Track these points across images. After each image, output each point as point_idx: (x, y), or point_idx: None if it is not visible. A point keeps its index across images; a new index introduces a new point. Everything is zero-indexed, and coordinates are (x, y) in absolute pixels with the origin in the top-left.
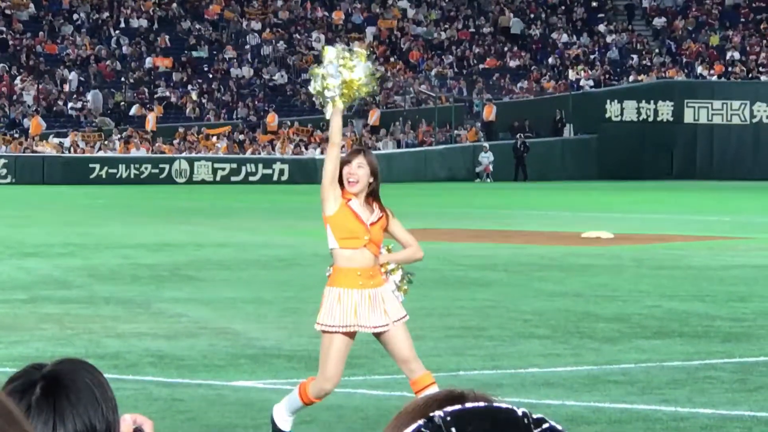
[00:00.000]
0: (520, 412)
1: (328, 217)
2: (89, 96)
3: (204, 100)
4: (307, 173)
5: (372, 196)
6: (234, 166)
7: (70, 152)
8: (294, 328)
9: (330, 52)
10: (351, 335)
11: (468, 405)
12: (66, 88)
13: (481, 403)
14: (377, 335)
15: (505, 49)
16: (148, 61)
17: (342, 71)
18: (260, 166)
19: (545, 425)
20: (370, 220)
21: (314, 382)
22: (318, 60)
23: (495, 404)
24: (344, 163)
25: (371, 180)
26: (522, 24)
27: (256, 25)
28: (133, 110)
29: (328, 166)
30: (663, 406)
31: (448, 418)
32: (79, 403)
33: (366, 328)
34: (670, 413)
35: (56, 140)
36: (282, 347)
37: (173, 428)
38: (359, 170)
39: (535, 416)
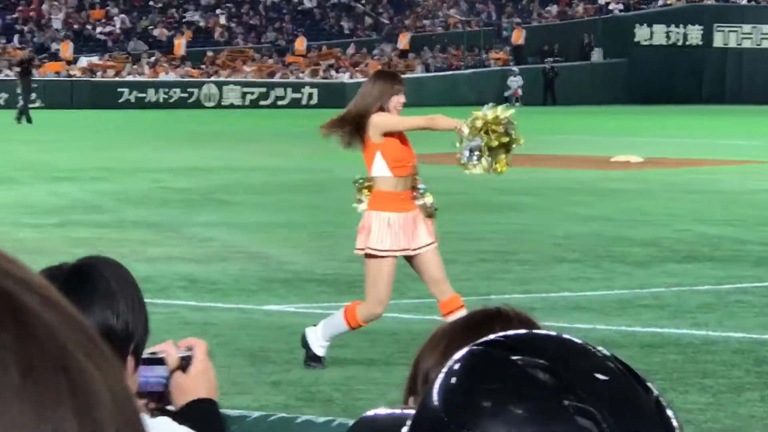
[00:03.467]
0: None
1: (378, 144)
2: None
3: (233, 24)
4: (336, 97)
5: None
6: (263, 90)
7: (98, 76)
8: (326, 252)
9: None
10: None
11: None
12: (95, 12)
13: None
14: (410, 258)
15: None
16: None
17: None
18: (289, 90)
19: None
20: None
21: (363, 306)
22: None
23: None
24: (397, 92)
25: None
26: None
27: None
28: (161, 34)
29: (412, 122)
30: (694, 329)
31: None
32: (92, 302)
33: (412, 251)
34: (701, 337)
35: (85, 63)
36: (314, 271)
37: None
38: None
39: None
